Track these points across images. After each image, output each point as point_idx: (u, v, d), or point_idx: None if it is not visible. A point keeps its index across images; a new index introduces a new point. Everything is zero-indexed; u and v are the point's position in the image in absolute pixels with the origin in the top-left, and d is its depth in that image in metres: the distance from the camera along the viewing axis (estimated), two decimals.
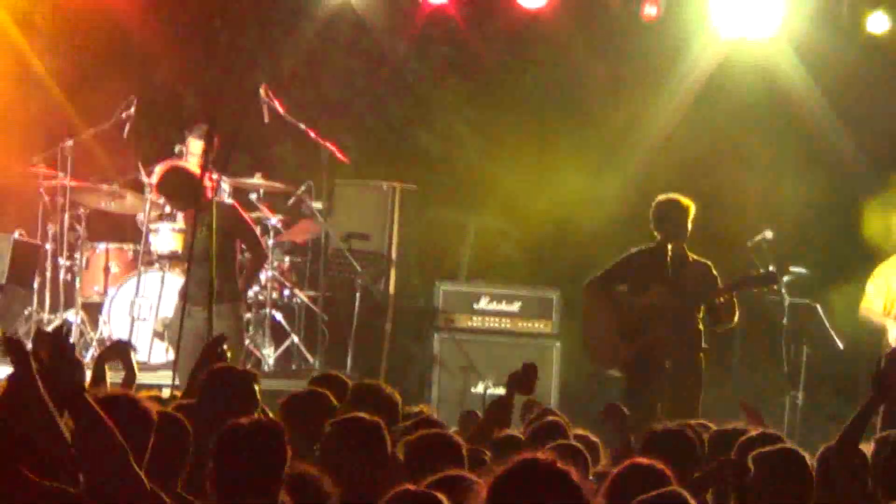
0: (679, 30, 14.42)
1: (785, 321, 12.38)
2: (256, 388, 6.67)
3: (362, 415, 6.43)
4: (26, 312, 13.27)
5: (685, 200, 11.36)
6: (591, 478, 6.28)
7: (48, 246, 13.23)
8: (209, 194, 10.79)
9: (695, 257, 11.54)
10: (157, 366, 12.14)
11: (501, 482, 3.95)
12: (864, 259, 13.00)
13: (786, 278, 12.35)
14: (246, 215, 11.83)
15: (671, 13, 14.24)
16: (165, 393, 9.27)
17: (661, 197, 11.43)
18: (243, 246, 11.63)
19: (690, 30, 14.40)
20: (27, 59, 14.23)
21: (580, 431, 7.79)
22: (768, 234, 11.98)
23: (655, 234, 11.44)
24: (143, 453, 5.17)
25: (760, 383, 14.09)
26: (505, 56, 15.37)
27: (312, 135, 13.15)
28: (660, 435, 7.04)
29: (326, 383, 7.75)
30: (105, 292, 13.10)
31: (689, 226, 11.34)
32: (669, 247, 11.30)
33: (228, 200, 12.35)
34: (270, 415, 6.80)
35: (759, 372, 14.42)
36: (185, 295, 10.74)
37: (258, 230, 12.24)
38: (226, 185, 12.85)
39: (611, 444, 7.89)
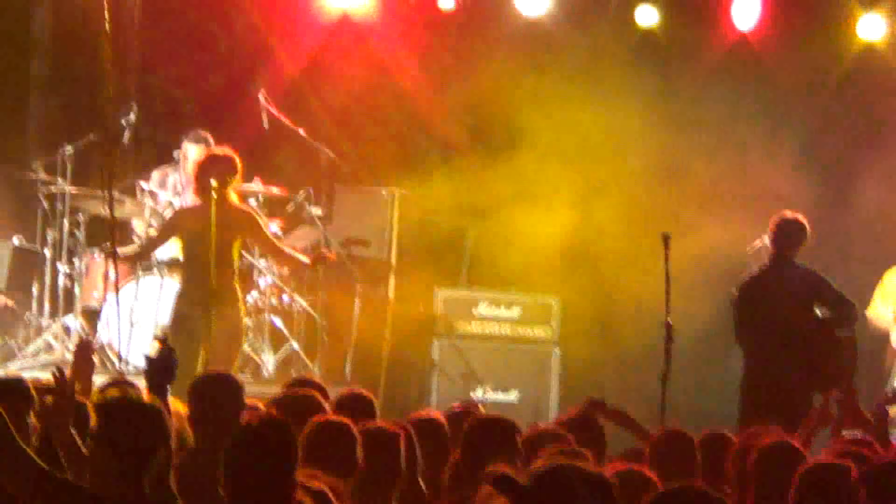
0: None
1: None
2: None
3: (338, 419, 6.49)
4: (26, 319, 13.27)
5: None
6: None
7: (47, 252, 13.22)
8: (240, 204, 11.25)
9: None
10: None
11: (536, 484, 3.90)
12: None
13: None
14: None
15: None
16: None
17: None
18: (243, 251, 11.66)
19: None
20: (28, 65, 14.24)
21: None
22: (768, 240, 11.83)
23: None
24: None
25: None
26: (504, 64, 15.35)
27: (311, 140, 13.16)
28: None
29: (303, 387, 7.75)
30: (105, 298, 13.09)
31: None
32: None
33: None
34: None
35: None
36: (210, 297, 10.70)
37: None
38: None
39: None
